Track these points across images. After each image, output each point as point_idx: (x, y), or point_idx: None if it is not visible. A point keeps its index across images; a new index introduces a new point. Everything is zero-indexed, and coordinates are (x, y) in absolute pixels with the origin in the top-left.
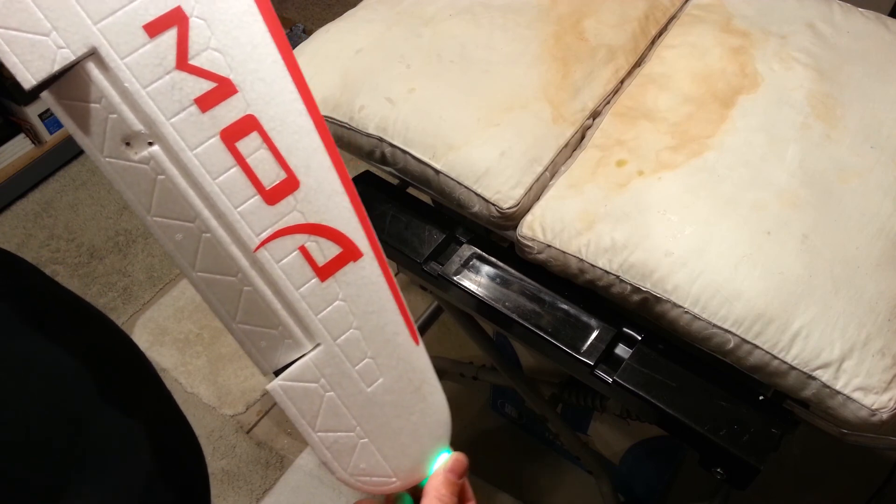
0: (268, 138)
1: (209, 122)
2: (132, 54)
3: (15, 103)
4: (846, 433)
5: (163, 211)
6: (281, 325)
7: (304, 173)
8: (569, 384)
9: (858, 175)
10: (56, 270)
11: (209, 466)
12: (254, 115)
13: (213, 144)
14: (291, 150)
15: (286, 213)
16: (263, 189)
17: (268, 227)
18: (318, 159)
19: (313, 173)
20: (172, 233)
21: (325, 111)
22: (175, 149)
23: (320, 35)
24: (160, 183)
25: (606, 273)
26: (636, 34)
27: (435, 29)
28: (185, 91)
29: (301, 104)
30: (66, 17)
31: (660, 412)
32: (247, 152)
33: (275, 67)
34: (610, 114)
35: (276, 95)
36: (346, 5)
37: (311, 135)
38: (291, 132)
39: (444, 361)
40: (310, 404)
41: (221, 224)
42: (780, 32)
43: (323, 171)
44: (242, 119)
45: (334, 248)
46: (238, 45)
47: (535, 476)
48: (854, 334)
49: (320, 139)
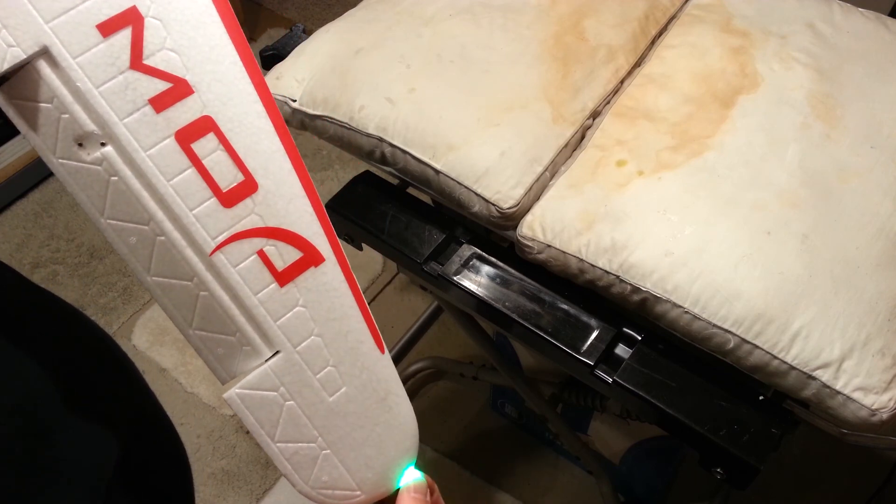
0: (225, 140)
1: (164, 123)
2: (85, 53)
3: None
4: (846, 433)
5: (116, 213)
6: (238, 331)
7: (262, 176)
8: (569, 384)
9: (858, 175)
10: (56, 270)
11: (209, 466)
12: (210, 116)
13: (167, 145)
14: (249, 151)
15: (244, 216)
16: (220, 191)
17: (224, 230)
18: (277, 162)
19: (272, 176)
20: (126, 236)
21: (325, 111)
22: (128, 149)
23: (320, 35)
24: (113, 184)
25: (606, 273)
26: (636, 34)
27: (435, 29)
28: (139, 91)
29: (260, 106)
30: (17, 15)
31: (660, 412)
32: (203, 154)
33: (233, 69)
34: (610, 114)
35: (234, 96)
36: (346, 5)
37: (270, 137)
38: (249, 134)
39: (444, 361)
40: (269, 414)
41: (176, 227)
42: (780, 32)
43: (283, 173)
44: (198, 120)
45: (294, 253)
46: (195, 45)
47: (535, 476)
48: (854, 334)
49: (280, 142)
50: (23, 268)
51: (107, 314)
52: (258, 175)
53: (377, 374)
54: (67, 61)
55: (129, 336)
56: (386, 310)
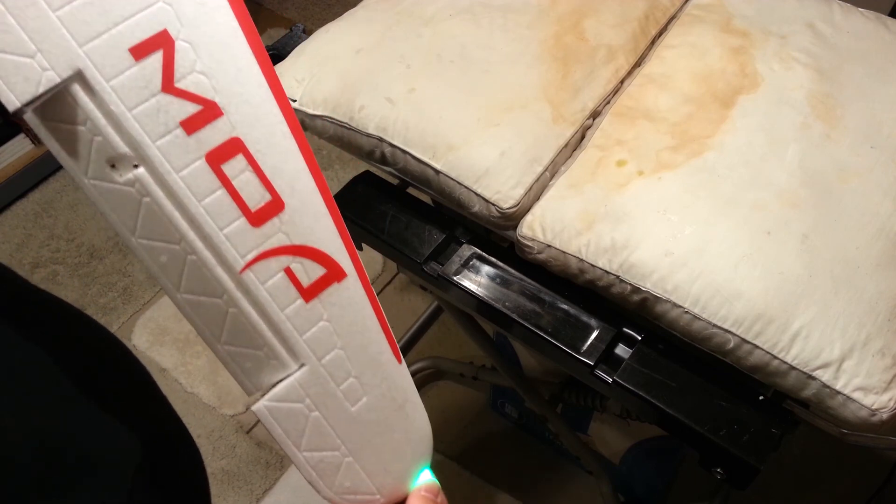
0: (253, 160)
1: (195, 145)
2: (118, 77)
3: None
4: (846, 433)
5: (148, 233)
6: (266, 345)
7: (288, 195)
8: (569, 384)
9: (858, 175)
10: (56, 270)
11: (209, 466)
12: (239, 138)
13: (198, 167)
14: (276, 172)
15: (271, 234)
16: (249, 211)
17: (253, 248)
18: (302, 181)
19: (298, 195)
20: (157, 255)
21: (325, 111)
22: (161, 171)
23: (320, 35)
24: (145, 205)
25: (606, 273)
26: (636, 34)
27: (435, 29)
28: (171, 114)
29: (285, 126)
30: (52, 39)
31: (660, 412)
32: (232, 174)
33: (259, 90)
34: (610, 114)
35: (261, 118)
36: (346, 5)
37: (295, 157)
38: (276, 154)
39: (444, 361)
40: (295, 424)
41: (207, 246)
42: (780, 32)
43: (307, 192)
44: (228, 142)
45: (319, 270)
46: (223, 68)
47: (535, 476)
48: (854, 334)
49: (304, 161)
50: (23, 268)
51: (107, 314)
52: (285, 194)
53: (395, 383)
54: (101, 85)
55: (129, 336)
56: (386, 310)
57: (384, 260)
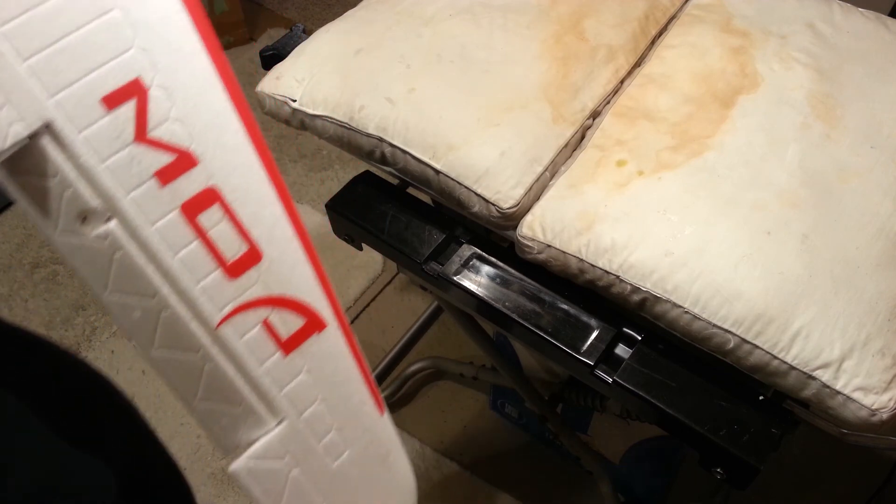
0: (229, 210)
1: (169, 196)
2: (89, 128)
3: None
4: (846, 433)
5: (120, 287)
6: (244, 402)
7: (266, 244)
8: (569, 384)
9: (858, 175)
10: (56, 270)
11: (209, 466)
12: (215, 187)
13: (173, 219)
14: (254, 220)
15: (249, 286)
16: (225, 263)
17: (230, 301)
18: (280, 229)
19: (276, 243)
20: (130, 311)
21: (325, 111)
22: (134, 224)
23: (320, 35)
24: (118, 259)
25: (606, 273)
26: (636, 34)
27: (435, 29)
28: (145, 164)
29: (264, 172)
30: (20, 90)
31: (660, 412)
32: (208, 225)
33: (237, 137)
34: (610, 114)
35: (238, 165)
36: (346, 5)
37: (273, 204)
38: (254, 202)
39: (444, 361)
40: (275, 483)
41: (182, 300)
42: (780, 32)
43: (286, 240)
44: (204, 191)
45: (298, 321)
46: (199, 114)
47: (535, 476)
48: (854, 334)
49: (283, 207)
50: (23, 268)
51: (107, 314)
52: (262, 244)
53: (378, 435)
54: (72, 137)
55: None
56: (386, 310)
57: (384, 260)
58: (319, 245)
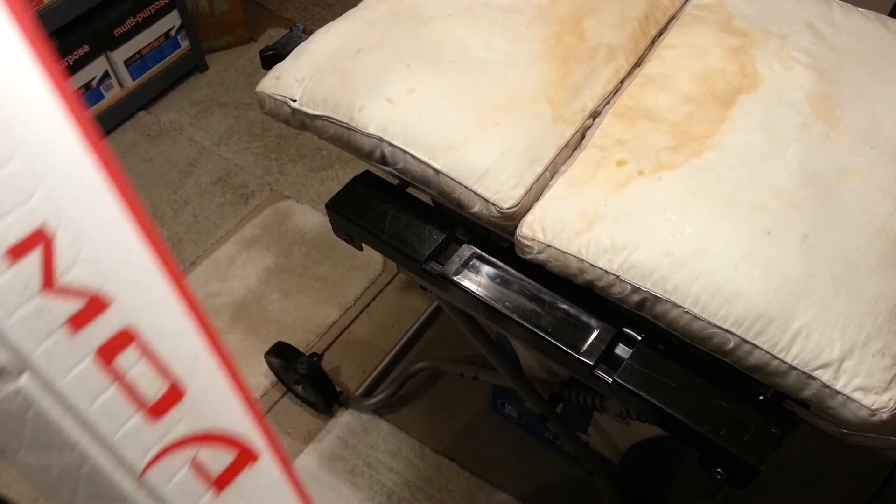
0: (147, 348)
1: (82, 343)
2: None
3: None
4: (846, 433)
5: (36, 444)
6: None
7: (189, 378)
8: (569, 384)
9: (858, 175)
10: None
11: None
12: (130, 327)
13: (87, 366)
14: (174, 356)
15: (173, 425)
16: (146, 404)
17: (154, 444)
18: (203, 361)
19: (199, 377)
20: (47, 470)
21: (325, 111)
22: (46, 377)
23: (320, 35)
24: (32, 416)
25: (606, 273)
26: (636, 34)
27: (435, 29)
28: (54, 314)
29: (181, 305)
30: None
31: (660, 412)
32: (125, 368)
33: (149, 274)
34: (610, 114)
35: (154, 301)
36: (346, 5)
37: (193, 336)
38: (172, 337)
39: (444, 361)
40: None
41: (103, 450)
42: (780, 32)
43: (209, 372)
44: (118, 333)
45: (228, 455)
46: (109, 254)
47: (535, 476)
48: (854, 334)
49: (205, 339)
50: None
51: None
52: (184, 379)
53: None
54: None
55: None
56: (386, 310)
57: (384, 260)
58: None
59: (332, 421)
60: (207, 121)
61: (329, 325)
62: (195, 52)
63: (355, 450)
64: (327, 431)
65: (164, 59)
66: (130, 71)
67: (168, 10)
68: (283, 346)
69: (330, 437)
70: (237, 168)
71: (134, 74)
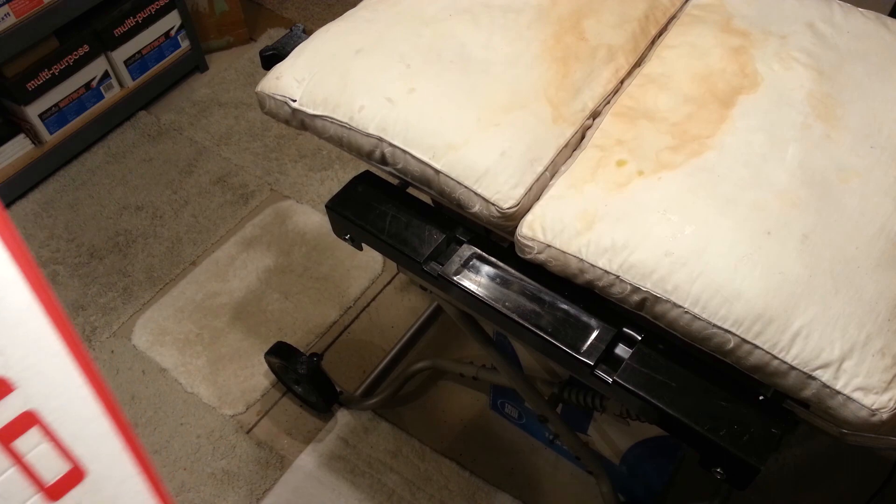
0: (49, 431)
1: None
2: None
3: (15, 103)
4: (846, 433)
5: None
6: None
7: (91, 460)
8: (569, 384)
9: (858, 175)
10: (56, 270)
11: (209, 466)
12: (34, 410)
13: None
14: (77, 438)
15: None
16: (44, 485)
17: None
18: (107, 444)
19: (102, 459)
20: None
21: (325, 111)
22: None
23: (320, 35)
24: None
25: (606, 273)
26: (636, 34)
27: (435, 29)
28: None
29: (87, 390)
30: None
31: (660, 412)
32: (25, 450)
33: (57, 359)
34: (610, 114)
35: (59, 386)
36: (346, 5)
37: (98, 419)
38: (77, 420)
39: (444, 361)
40: None
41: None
42: (780, 32)
43: (113, 456)
44: (21, 416)
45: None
46: (16, 342)
47: (535, 476)
48: (854, 334)
49: (111, 422)
50: None
51: (107, 314)
52: (86, 460)
53: None
54: None
55: (129, 336)
56: (386, 310)
57: (384, 260)
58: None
59: (332, 421)
60: (207, 121)
61: (329, 325)
62: (195, 52)
63: (355, 450)
64: (327, 431)
65: (164, 59)
66: (130, 71)
67: (168, 10)
68: (283, 346)
69: (330, 437)
70: (237, 168)
71: (134, 74)
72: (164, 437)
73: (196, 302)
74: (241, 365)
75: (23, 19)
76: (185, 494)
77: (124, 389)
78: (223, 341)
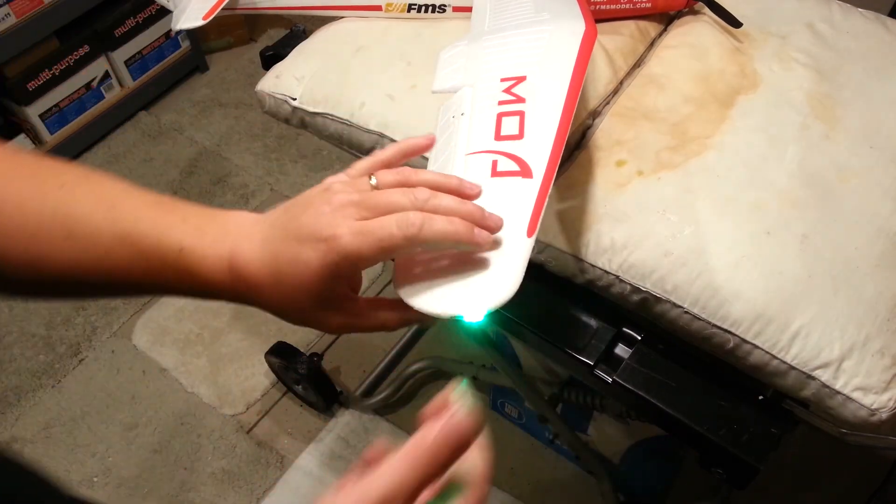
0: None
1: None
2: None
3: (15, 103)
4: (846, 433)
5: None
6: None
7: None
8: (569, 384)
9: (858, 175)
10: None
11: (209, 466)
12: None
13: None
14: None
15: None
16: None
17: None
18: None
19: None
20: None
21: (325, 109)
22: None
23: (321, 34)
24: None
25: (606, 273)
26: (635, 34)
27: (435, 27)
28: None
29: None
30: None
31: (660, 412)
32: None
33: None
34: (610, 114)
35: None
36: None
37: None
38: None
39: (444, 361)
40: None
41: None
42: (779, 33)
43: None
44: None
45: None
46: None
47: (535, 476)
48: (854, 334)
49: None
50: None
51: (107, 314)
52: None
53: None
54: None
55: (129, 336)
56: None
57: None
58: None
59: (333, 421)
60: (208, 121)
61: None
62: (195, 52)
63: (356, 449)
64: (328, 431)
65: (164, 59)
66: (131, 71)
67: (168, 10)
68: (283, 345)
69: (330, 437)
70: (237, 168)
71: (134, 75)
72: (165, 437)
73: (196, 302)
74: (242, 365)
75: (23, 19)
76: (185, 494)
77: (124, 389)
78: (223, 341)
